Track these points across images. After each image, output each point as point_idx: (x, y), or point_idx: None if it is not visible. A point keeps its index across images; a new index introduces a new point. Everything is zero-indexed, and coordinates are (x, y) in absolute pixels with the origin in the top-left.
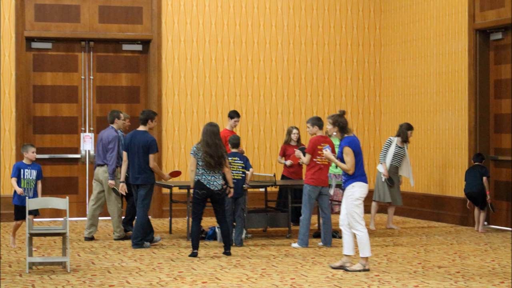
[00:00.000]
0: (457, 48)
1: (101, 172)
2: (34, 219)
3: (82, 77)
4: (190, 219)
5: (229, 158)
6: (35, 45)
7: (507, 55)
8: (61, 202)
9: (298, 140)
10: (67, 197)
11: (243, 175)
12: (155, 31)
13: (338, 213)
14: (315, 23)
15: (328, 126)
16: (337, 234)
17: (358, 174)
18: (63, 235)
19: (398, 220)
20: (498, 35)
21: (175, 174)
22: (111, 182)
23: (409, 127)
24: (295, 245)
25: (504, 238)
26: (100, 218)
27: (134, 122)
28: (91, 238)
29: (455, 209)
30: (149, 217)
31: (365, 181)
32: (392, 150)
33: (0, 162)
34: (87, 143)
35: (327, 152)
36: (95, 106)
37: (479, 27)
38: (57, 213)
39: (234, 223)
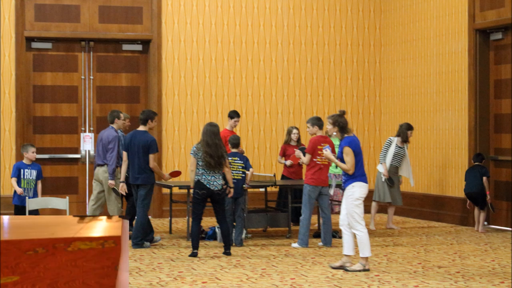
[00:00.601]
0: (457, 48)
1: (101, 172)
2: None
3: (82, 77)
4: (190, 219)
5: (229, 158)
6: (35, 45)
7: (507, 55)
8: (61, 202)
9: (298, 140)
10: (67, 197)
11: (243, 175)
12: (155, 31)
13: (338, 213)
14: (315, 23)
15: (328, 126)
16: (337, 234)
17: (358, 174)
18: None
19: (398, 220)
20: (498, 35)
21: (175, 174)
22: (111, 182)
23: (409, 127)
24: (295, 245)
25: (504, 238)
26: None
27: (134, 122)
28: None
29: (455, 209)
30: (149, 217)
31: (365, 181)
32: (392, 150)
33: (0, 162)
34: (87, 143)
35: (327, 152)
36: (95, 106)
37: (479, 27)
38: (57, 213)
39: (234, 223)
